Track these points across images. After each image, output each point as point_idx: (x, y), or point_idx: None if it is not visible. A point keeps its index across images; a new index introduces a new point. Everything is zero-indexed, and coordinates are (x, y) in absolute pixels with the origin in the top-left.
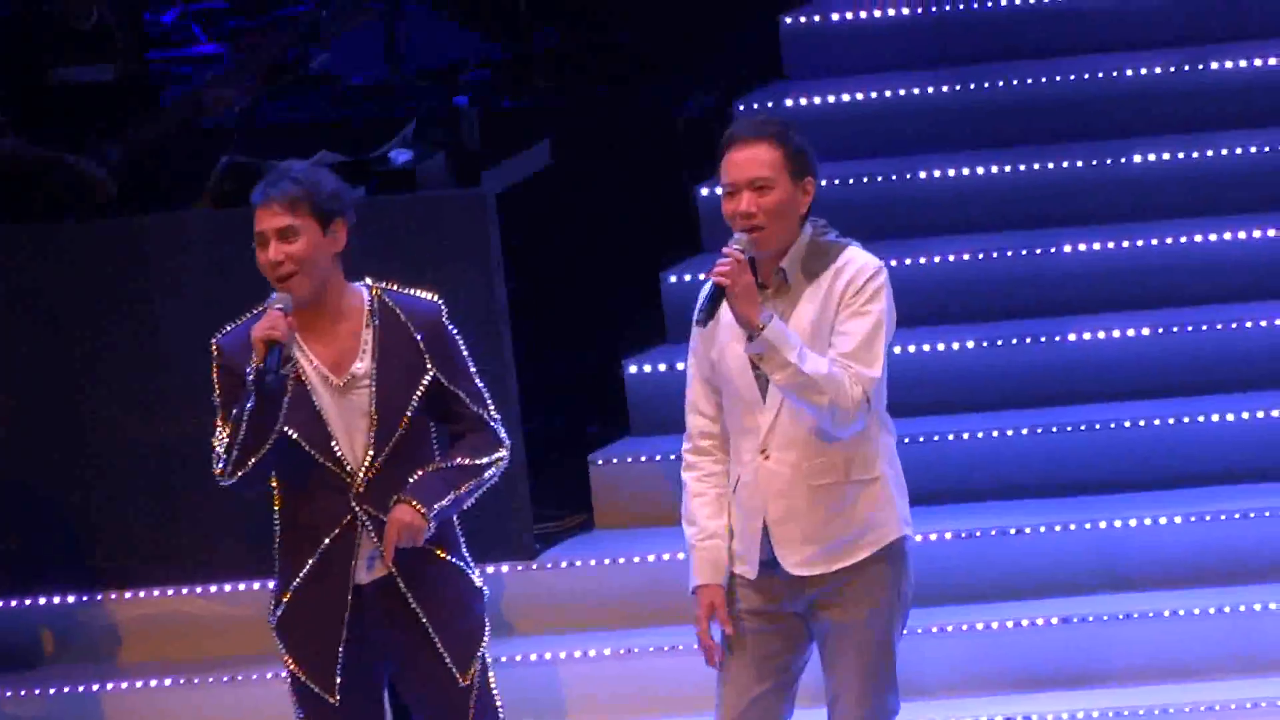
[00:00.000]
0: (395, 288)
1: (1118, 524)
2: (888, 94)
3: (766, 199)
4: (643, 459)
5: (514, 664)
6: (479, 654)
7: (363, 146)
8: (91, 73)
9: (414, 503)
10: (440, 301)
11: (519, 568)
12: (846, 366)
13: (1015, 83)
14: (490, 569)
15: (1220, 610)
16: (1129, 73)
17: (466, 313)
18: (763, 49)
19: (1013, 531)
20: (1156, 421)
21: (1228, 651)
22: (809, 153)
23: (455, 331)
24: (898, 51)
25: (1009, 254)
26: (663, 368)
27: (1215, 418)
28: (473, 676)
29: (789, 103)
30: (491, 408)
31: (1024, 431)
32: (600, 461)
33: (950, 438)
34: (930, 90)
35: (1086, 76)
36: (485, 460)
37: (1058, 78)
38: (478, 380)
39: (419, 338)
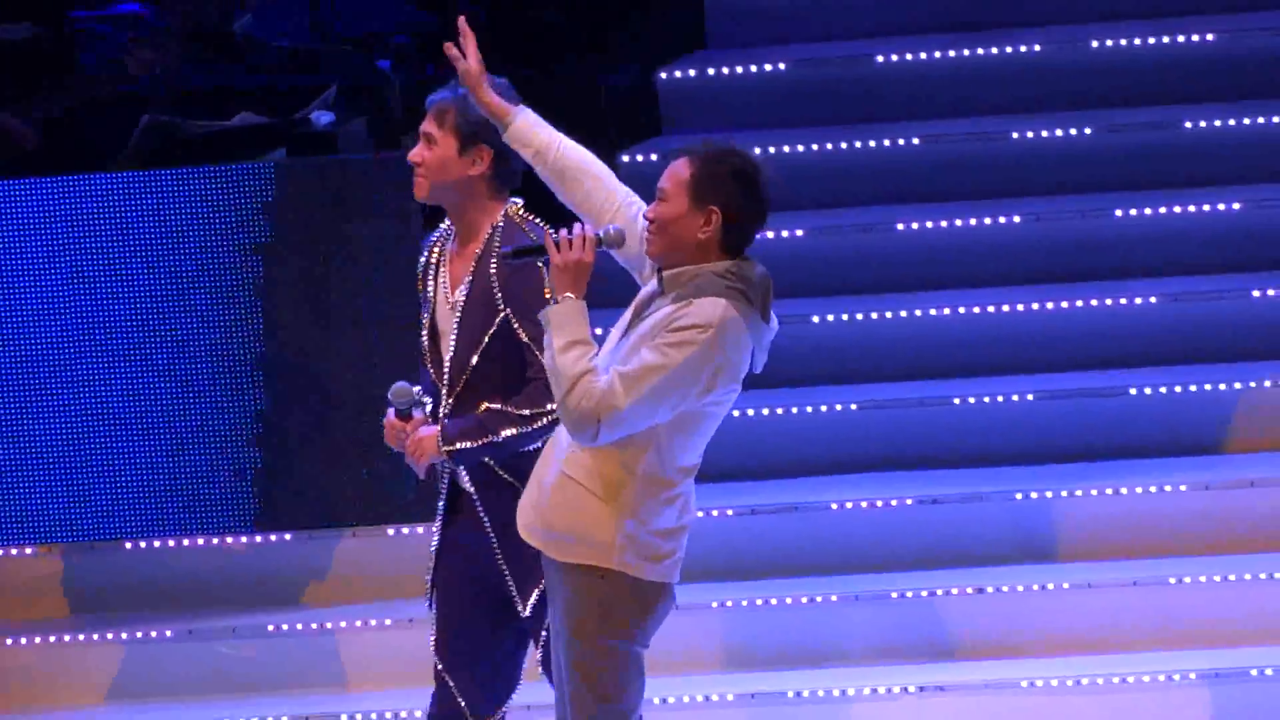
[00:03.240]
0: (521, 214)
1: (1034, 495)
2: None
3: (659, 209)
4: None
5: None
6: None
7: (286, 110)
8: (6, 31)
9: (442, 434)
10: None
11: None
12: (610, 384)
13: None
14: None
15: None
16: None
17: (386, 276)
18: (687, 20)
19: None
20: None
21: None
22: (724, 188)
23: (545, 274)
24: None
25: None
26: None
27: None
28: (532, 608)
29: (710, 71)
30: None
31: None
32: None
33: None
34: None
35: None
36: (529, 411)
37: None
38: None
39: (496, 276)
